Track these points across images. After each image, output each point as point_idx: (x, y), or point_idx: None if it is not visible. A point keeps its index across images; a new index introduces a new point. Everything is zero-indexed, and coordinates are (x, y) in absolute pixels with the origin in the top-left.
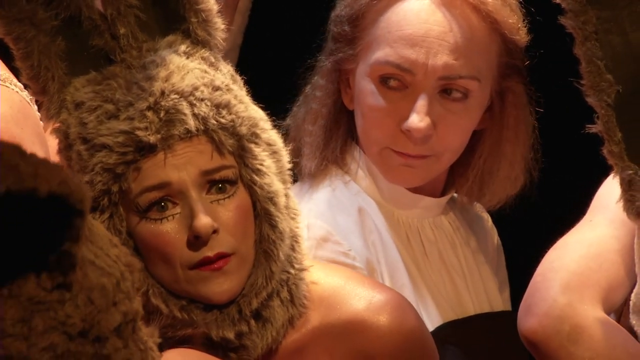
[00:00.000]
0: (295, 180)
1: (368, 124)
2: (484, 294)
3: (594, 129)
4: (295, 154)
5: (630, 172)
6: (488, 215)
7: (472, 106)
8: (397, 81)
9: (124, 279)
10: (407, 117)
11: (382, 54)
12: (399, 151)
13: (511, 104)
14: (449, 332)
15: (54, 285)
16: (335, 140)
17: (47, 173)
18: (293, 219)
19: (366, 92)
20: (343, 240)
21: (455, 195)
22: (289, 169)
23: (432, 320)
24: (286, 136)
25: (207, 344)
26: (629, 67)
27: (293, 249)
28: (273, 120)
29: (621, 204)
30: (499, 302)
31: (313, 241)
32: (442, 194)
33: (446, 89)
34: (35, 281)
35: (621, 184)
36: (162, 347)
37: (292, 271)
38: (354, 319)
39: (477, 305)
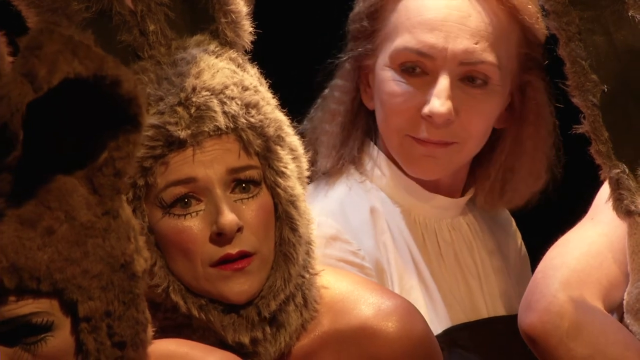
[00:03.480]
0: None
1: (388, 111)
2: (499, 298)
3: (580, 129)
4: (312, 156)
5: (618, 171)
6: (512, 219)
7: (493, 92)
8: (418, 69)
9: (138, 234)
10: (427, 102)
11: (401, 41)
12: (419, 138)
13: (531, 99)
14: (458, 335)
15: (104, 211)
16: (354, 140)
17: (128, 73)
18: (308, 224)
19: (386, 80)
20: (352, 240)
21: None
22: (306, 176)
23: (441, 323)
24: (302, 138)
25: (219, 347)
26: (613, 67)
27: (308, 253)
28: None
29: (610, 203)
30: (517, 306)
31: (322, 239)
32: (462, 195)
33: (467, 76)
34: (86, 203)
35: (610, 183)
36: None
37: (307, 276)
38: (363, 325)
39: (491, 309)
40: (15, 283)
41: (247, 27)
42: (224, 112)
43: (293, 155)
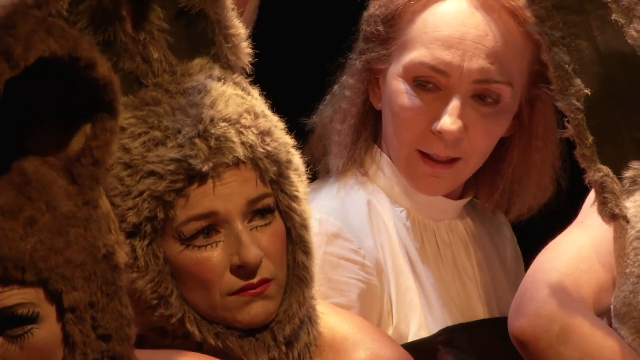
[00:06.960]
0: (313, 179)
1: (399, 124)
2: (495, 300)
3: (565, 133)
4: (321, 153)
5: (602, 174)
6: (509, 224)
7: (503, 111)
8: (431, 84)
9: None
10: (439, 119)
11: (417, 54)
12: (427, 153)
13: (540, 112)
14: (453, 335)
15: (84, 201)
16: (363, 141)
17: (103, 57)
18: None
19: (399, 92)
20: (354, 239)
21: (475, 200)
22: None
23: (437, 323)
24: (311, 134)
25: None
26: (597, 71)
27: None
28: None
29: (595, 207)
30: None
31: (324, 237)
32: (460, 198)
33: (479, 95)
34: (67, 193)
35: (594, 187)
36: None
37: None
38: None
39: (487, 311)
40: (1, 273)
41: (247, 49)
42: (242, 143)
43: (298, 174)
